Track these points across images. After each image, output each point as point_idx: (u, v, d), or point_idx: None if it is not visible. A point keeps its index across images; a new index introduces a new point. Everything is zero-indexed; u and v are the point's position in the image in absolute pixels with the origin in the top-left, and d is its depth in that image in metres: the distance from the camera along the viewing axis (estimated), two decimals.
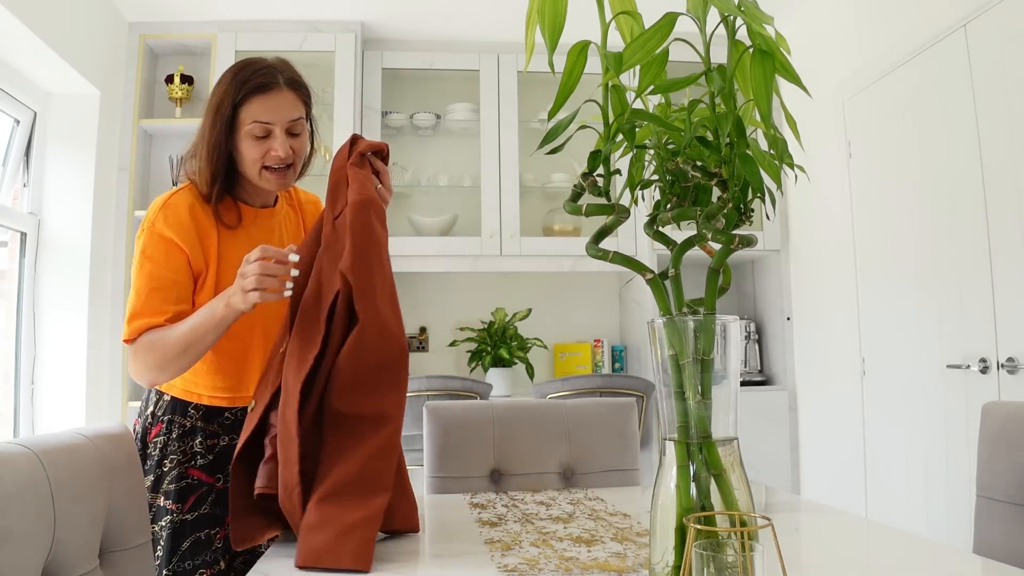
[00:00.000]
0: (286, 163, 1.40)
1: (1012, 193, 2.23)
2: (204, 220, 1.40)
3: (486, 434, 1.73)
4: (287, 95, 1.39)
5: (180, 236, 1.35)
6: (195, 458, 1.40)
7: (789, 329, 3.57)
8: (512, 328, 3.60)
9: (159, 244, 1.35)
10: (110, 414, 3.11)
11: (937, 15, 2.54)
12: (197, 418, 1.42)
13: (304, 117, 1.43)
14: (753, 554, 0.69)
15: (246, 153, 1.38)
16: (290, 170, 1.43)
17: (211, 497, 1.40)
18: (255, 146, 1.38)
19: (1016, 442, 1.21)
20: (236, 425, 1.42)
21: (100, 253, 3.13)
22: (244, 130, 1.37)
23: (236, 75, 1.38)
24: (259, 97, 1.37)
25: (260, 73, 1.38)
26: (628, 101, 0.85)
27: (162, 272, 1.34)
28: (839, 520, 1.33)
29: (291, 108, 1.39)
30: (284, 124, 1.39)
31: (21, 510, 0.88)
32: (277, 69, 1.40)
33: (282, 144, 1.38)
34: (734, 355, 0.82)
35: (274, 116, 1.37)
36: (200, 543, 1.37)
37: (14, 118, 2.90)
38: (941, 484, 2.50)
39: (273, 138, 1.38)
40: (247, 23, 3.45)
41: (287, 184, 1.44)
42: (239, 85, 1.37)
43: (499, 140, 3.60)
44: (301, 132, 1.43)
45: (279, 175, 1.41)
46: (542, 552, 1.08)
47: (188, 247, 1.36)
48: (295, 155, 1.42)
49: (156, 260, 1.35)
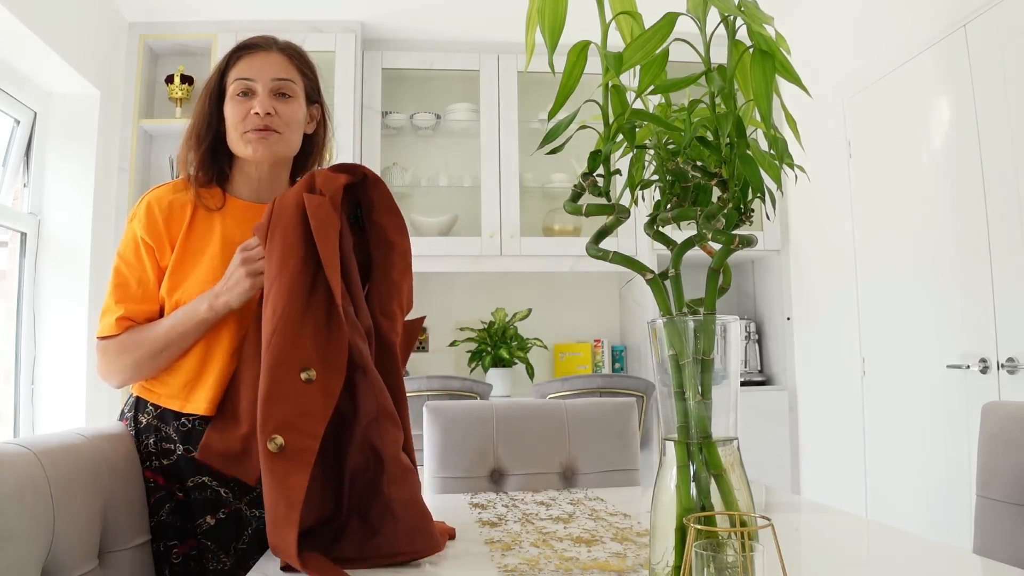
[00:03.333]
0: (267, 124, 1.30)
1: (1012, 193, 2.23)
2: (179, 210, 1.31)
3: (486, 434, 1.73)
4: (276, 56, 1.32)
5: (148, 230, 1.30)
6: (150, 459, 1.28)
7: (789, 329, 3.57)
8: (512, 328, 3.60)
9: (130, 242, 1.31)
10: (110, 414, 3.11)
11: (937, 15, 2.54)
12: (154, 415, 1.30)
13: (295, 82, 1.34)
14: (753, 554, 0.69)
15: (229, 117, 1.31)
16: (275, 136, 1.31)
17: (169, 504, 1.27)
18: (237, 106, 1.30)
19: (1016, 442, 1.21)
20: (191, 435, 1.27)
21: (100, 253, 3.12)
22: (228, 92, 1.30)
23: (231, 49, 1.34)
24: (245, 56, 1.31)
25: (252, 39, 1.33)
26: (628, 101, 0.85)
27: (130, 271, 1.30)
28: (839, 520, 1.33)
29: (277, 67, 1.31)
30: (267, 82, 1.30)
31: (20, 510, 0.88)
32: (274, 39, 1.34)
33: (262, 101, 1.29)
34: (734, 355, 0.82)
35: (255, 72, 1.30)
36: (158, 554, 1.25)
37: (14, 118, 2.90)
38: (941, 484, 2.50)
39: (254, 97, 1.30)
40: (247, 23, 3.45)
41: (273, 151, 1.32)
42: (230, 54, 1.33)
43: (499, 140, 3.60)
44: (293, 97, 1.33)
45: (261, 137, 1.29)
46: (542, 552, 1.07)
47: (155, 241, 1.30)
48: (280, 119, 1.31)
49: (126, 258, 1.31)
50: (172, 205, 1.32)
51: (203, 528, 1.26)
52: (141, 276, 1.30)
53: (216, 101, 1.33)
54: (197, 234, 1.32)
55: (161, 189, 1.35)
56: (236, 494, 1.29)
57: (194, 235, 1.32)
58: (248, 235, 1.29)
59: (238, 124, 1.30)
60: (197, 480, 1.27)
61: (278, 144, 1.33)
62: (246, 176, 1.37)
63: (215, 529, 1.26)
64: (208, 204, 1.33)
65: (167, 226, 1.31)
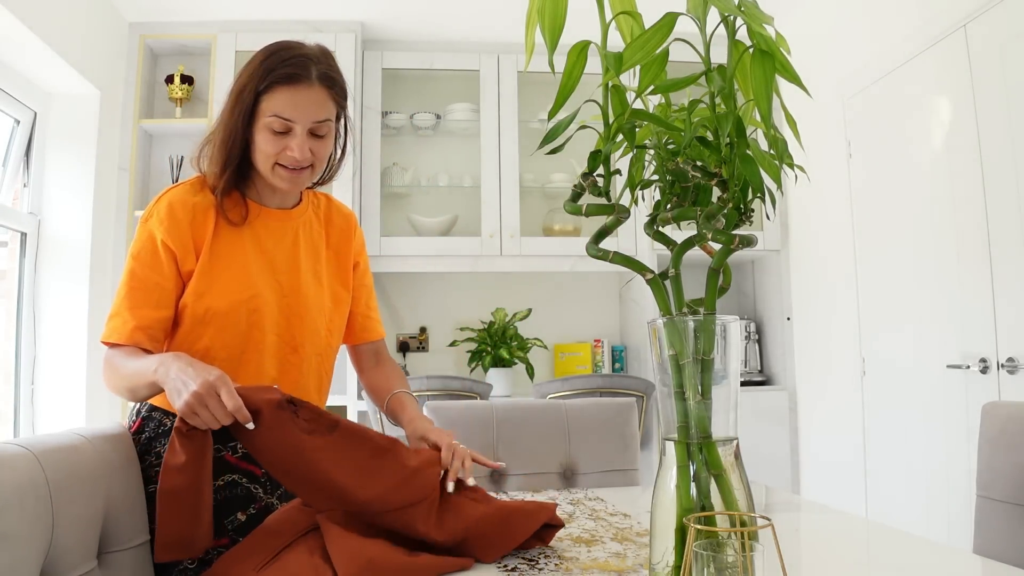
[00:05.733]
0: (302, 165, 1.28)
1: (1012, 193, 2.23)
2: (202, 214, 1.27)
3: (486, 434, 1.73)
4: (317, 92, 1.25)
5: (171, 234, 1.25)
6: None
7: (789, 329, 3.57)
8: (512, 328, 3.60)
9: (147, 243, 1.26)
10: (110, 414, 3.11)
11: (937, 15, 2.54)
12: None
13: (331, 118, 1.30)
14: (753, 554, 0.69)
15: (260, 145, 1.26)
16: (307, 171, 1.30)
17: None
18: (271, 141, 1.25)
19: (1016, 442, 1.21)
20: (220, 437, 1.21)
21: (100, 253, 3.13)
22: (263, 121, 1.24)
23: (265, 60, 1.24)
24: (284, 88, 1.23)
25: (290, 63, 1.23)
26: (628, 101, 0.85)
27: (146, 273, 1.25)
28: (839, 520, 1.33)
29: (318, 107, 1.25)
30: (307, 124, 1.25)
31: (19, 511, 0.88)
32: (312, 60, 1.25)
33: (300, 145, 1.25)
34: (734, 355, 0.82)
35: (297, 113, 1.24)
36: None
37: (14, 118, 2.90)
38: (941, 484, 2.50)
39: (292, 136, 1.25)
40: (247, 23, 3.45)
41: (301, 184, 1.32)
42: (265, 72, 1.23)
43: (499, 140, 3.60)
44: (327, 135, 1.30)
45: (293, 174, 1.28)
46: (542, 552, 1.07)
47: (178, 245, 1.25)
48: (315, 158, 1.29)
49: (142, 260, 1.25)
50: (196, 209, 1.28)
51: (234, 524, 1.25)
52: (158, 280, 1.25)
53: (247, 119, 1.26)
54: (225, 239, 1.29)
55: (180, 190, 1.30)
56: (267, 489, 1.29)
57: (221, 240, 1.29)
58: (277, 242, 1.32)
59: (271, 157, 1.27)
60: (227, 479, 1.26)
61: (308, 177, 1.32)
62: (270, 188, 1.35)
63: (246, 525, 1.25)
64: (231, 217, 1.30)
65: (192, 230, 1.26)
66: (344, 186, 3.32)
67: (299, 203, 1.41)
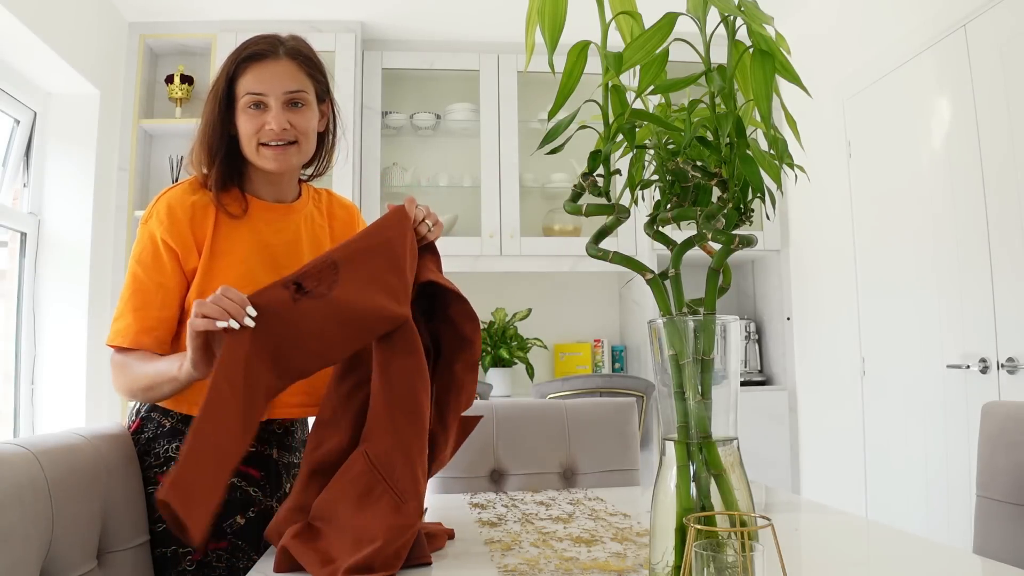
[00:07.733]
0: (283, 139, 1.28)
1: (1012, 193, 2.23)
2: (201, 211, 1.28)
3: (486, 434, 1.73)
4: (285, 64, 1.28)
5: (171, 233, 1.25)
6: (168, 463, 1.24)
7: (789, 329, 3.57)
8: (512, 328, 3.60)
9: (149, 244, 1.27)
10: (110, 414, 3.11)
11: (937, 15, 2.54)
12: (178, 420, 1.28)
13: (307, 90, 1.30)
14: (753, 554, 0.69)
15: (242, 128, 1.28)
16: (292, 147, 1.30)
17: None
18: (249, 120, 1.27)
19: (1016, 442, 1.21)
20: None
21: (100, 253, 3.13)
22: (239, 104, 1.27)
23: (235, 50, 1.29)
24: (253, 66, 1.27)
25: (258, 43, 1.28)
26: (628, 101, 0.85)
27: (148, 274, 1.25)
28: (839, 520, 1.33)
29: (289, 78, 1.28)
30: (280, 95, 1.27)
31: (19, 510, 0.88)
32: (279, 39, 1.29)
33: (276, 117, 1.26)
34: (734, 355, 0.82)
35: (267, 86, 1.26)
36: (165, 559, 1.22)
37: (14, 118, 2.90)
38: (941, 484, 2.50)
39: (268, 110, 1.27)
40: (247, 23, 3.45)
41: (288, 162, 1.31)
42: (235, 59, 1.28)
43: (499, 140, 3.60)
44: (305, 107, 1.30)
45: (278, 152, 1.28)
46: (542, 552, 1.07)
47: (179, 243, 1.26)
48: (296, 130, 1.29)
49: (144, 262, 1.26)
50: (195, 207, 1.28)
51: (233, 527, 1.25)
52: (161, 280, 1.26)
53: (225, 108, 1.29)
54: (224, 236, 1.29)
55: (178, 190, 1.31)
56: (266, 492, 1.29)
57: (221, 237, 1.29)
58: (278, 235, 1.32)
59: (252, 137, 1.28)
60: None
61: (296, 156, 1.32)
62: (264, 178, 1.35)
63: (245, 529, 1.26)
64: (231, 211, 1.30)
65: (192, 228, 1.27)
66: (344, 186, 3.32)
67: (299, 197, 1.41)
